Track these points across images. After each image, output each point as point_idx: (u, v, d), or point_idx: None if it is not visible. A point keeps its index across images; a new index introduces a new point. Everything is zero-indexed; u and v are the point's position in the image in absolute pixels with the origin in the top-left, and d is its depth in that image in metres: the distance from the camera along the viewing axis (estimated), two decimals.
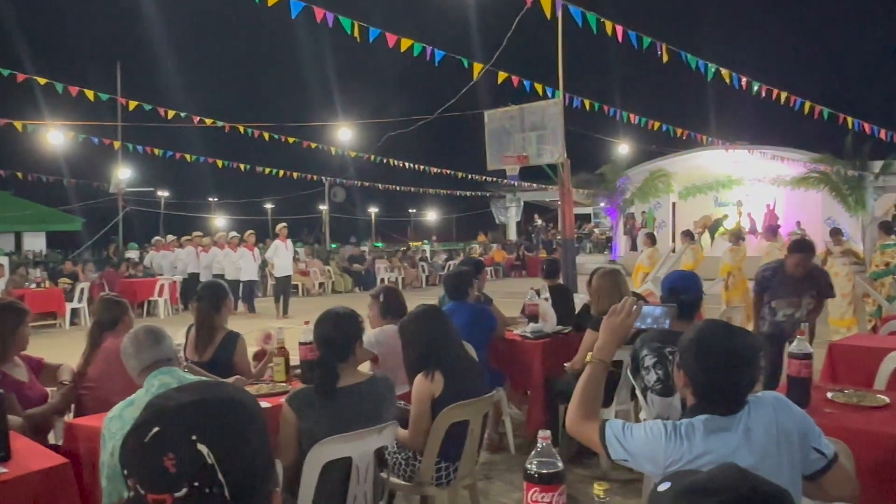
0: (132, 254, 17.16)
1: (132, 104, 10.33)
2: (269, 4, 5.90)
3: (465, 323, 4.58)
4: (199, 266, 14.66)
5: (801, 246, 5.04)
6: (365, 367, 4.05)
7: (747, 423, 1.89)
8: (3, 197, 20.40)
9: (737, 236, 10.43)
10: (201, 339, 3.87)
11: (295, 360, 3.73)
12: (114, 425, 2.19)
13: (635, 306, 2.14)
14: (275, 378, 3.65)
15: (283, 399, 2.70)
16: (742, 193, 22.78)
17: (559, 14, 9.05)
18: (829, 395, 3.05)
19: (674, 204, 24.25)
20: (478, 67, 8.58)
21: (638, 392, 3.40)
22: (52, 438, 3.25)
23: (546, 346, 4.86)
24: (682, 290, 3.34)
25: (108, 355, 3.21)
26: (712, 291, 10.28)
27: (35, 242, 21.48)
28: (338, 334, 2.71)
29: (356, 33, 6.99)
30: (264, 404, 3.15)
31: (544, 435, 1.64)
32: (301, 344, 3.60)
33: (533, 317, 5.14)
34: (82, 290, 12.78)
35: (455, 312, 4.65)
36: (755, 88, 9.00)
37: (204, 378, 2.40)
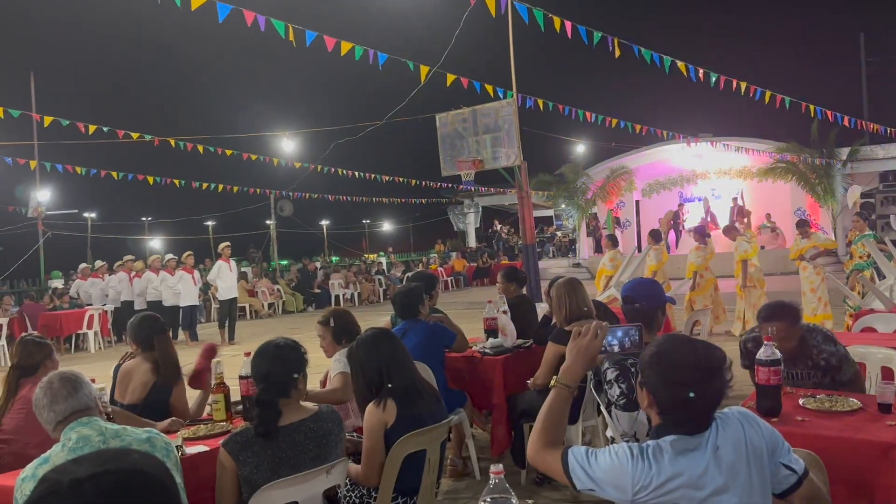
0: (56, 283, 16.64)
1: (48, 119, 10.04)
2: (193, 9, 5.81)
3: (418, 343, 4.55)
4: (132, 293, 14.32)
5: (775, 312, 3.53)
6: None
7: (715, 442, 1.91)
8: None
9: (702, 234, 10.63)
10: (166, 378, 3.75)
11: (236, 395, 3.64)
12: (27, 486, 2.10)
13: (600, 329, 2.14)
14: (214, 417, 3.56)
15: (223, 439, 2.63)
16: (708, 188, 23.30)
17: (508, 12, 9.17)
18: (801, 401, 3.11)
19: (637, 202, 24.67)
20: (425, 70, 8.59)
21: (602, 408, 3.42)
22: None
23: (507, 361, 4.86)
24: (638, 299, 3.36)
25: (27, 404, 3.08)
26: (681, 292, 10.48)
27: None
28: (278, 368, 2.66)
29: (291, 37, 6.94)
30: (201, 448, 3.07)
31: (496, 470, 1.63)
32: (241, 378, 3.52)
33: (491, 331, 5.14)
34: (1, 327, 12.33)
35: (407, 332, 4.62)
36: (713, 80, 9.24)
37: (126, 430, 2.31)
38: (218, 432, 3.31)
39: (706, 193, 23.31)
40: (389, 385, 3.03)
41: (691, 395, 1.89)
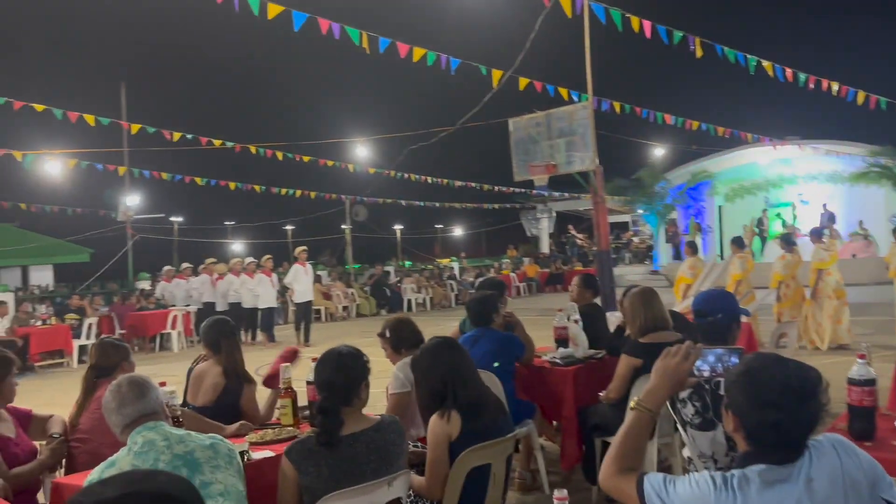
0: (143, 284, 17.38)
1: (135, 127, 10.49)
2: (270, 18, 5.92)
3: (490, 351, 4.48)
4: (214, 295, 14.78)
5: None
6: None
7: (808, 473, 1.75)
8: (7, 230, 20.82)
9: (788, 242, 10.13)
10: (228, 380, 3.82)
11: (303, 400, 3.65)
12: None
13: (692, 351, 1.98)
14: (282, 422, 3.58)
15: (286, 447, 2.63)
16: (795, 193, 22.29)
17: (583, 13, 8.99)
18: None
19: (720, 207, 23.84)
20: (497, 74, 8.52)
21: (678, 426, 3.25)
22: (41, 498, 3.22)
23: (578, 373, 4.73)
24: (712, 311, 3.17)
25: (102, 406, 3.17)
26: (766, 302, 10.01)
27: (42, 276, 21.88)
28: (340, 377, 2.63)
29: (365, 44, 7.00)
30: (267, 453, 3.08)
31: (560, 496, 1.54)
32: (308, 383, 3.53)
33: (562, 341, 5.01)
34: (90, 326, 12.94)
35: (479, 340, 4.56)
36: (802, 80, 8.79)
37: (190, 435, 2.33)
38: (285, 437, 3.32)
39: (793, 199, 22.31)
40: (454, 396, 2.97)
41: (783, 419, 1.73)
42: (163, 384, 3.20)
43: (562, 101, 10.26)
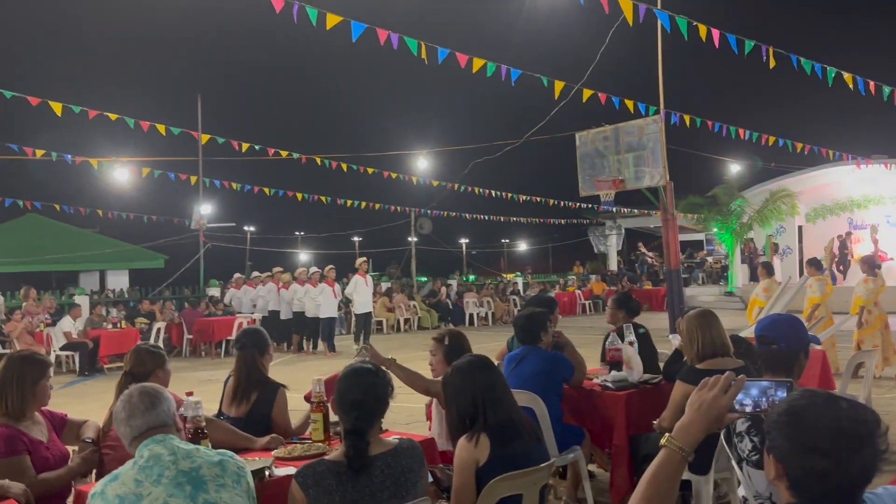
0: (213, 291, 17.84)
1: (204, 138, 10.76)
2: (328, 28, 5.93)
3: (536, 371, 4.32)
4: (279, 303, 15.01)
5: None
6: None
7: None
8: (87, 235, 21.83)
9: (871, 265, 9.50)
10: (240, 392, 3.77)
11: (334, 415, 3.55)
12: (94, 503, 2.07)
13: (734, 381, 1.73)
14: (312, 437, 3.48)
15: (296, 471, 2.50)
16: (881, 214, 21.10)
17: (650, 20, 8.70)
18: None
19: (800, 227, 22.79)
20: (559, 85, 8.32)
21: (733, 462, 2.99)
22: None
23: (630, 398, 4.47)
24: (778, 339, 2.90)
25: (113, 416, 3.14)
26: (845, 328, 9.41)
27: (119, 281, 22.80)
28: (370, 397, 2.50)
29: (423, 54, 6.94)
30: (292, 470, 2.98)
31: None
32: None
33: (615, 363, 4.76)
34: (159, 330, 13.31)
35: (525, 358, 4.39)
36: (887, 93, 8.24)
37: (198, 451, 2.23)
38: (314, 453, 3.22)
39: (879, 220, 21.11)
40: (484, 418, 2.80)
41: (832, 467, 1.50)
42: (189, 394, 3.16)
43: (627, 113, 9.96)
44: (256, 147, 11.62)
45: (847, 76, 7.74)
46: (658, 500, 1.68)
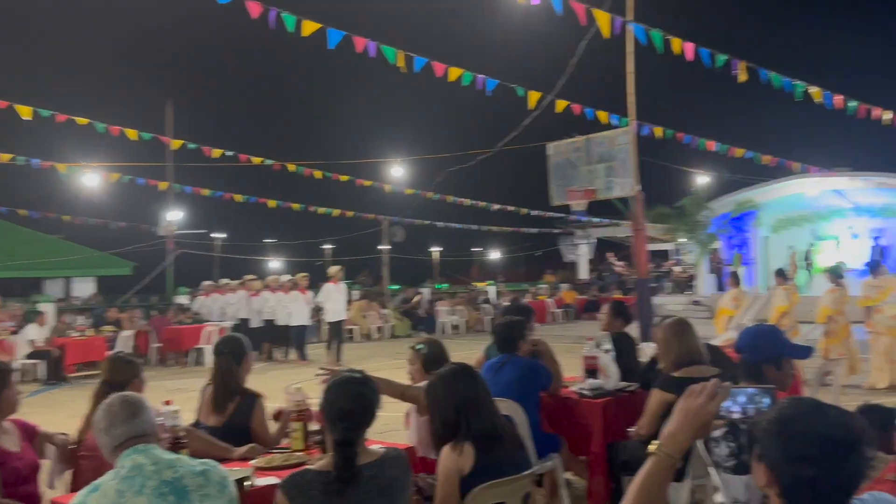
0: (182, 299, 17.57)
1: (176, 143, 10.62)
2: (305, 35, 5.91)
3: (514, 379, 4.32)
4: (249, 311, 14.84)
5: None
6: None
7: None
8: (52, 241, 21.34)
9: (836, 275, 9.72)
10: (217, 401, 3.72)
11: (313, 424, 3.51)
12: None
13: (720, 388, 1.75)
14: (292, 447, 3.45)
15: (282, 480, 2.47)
16: (845, 226, 21.61)
17: (624, 34, 8.82)
18: None
19: (765, 239, 23.24)
20: (534, 96, 8.39)
21: (710, 468, 3.03)
22: None
23: (607, 406, 4.51)
24: (743, 349, 2.96)
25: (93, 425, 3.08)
26: (811, 338, 9.60)
27: (84, 288, 22.29)
28: (359, 406, 2.47)
29: (401, 62, 6.95)
30: (273, 480, 2.94)
31: None
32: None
33: (591, 371, 4.79)
34: (126, 339, 13.07)
35: (504, 366, 4.40)
36: (852, 108, 8.45)
37: (181, 461, 2.20)
38: (293, 463, 3.19)
39: (842, 232, 21.61)
40: (468, 427, 2.79)
41: (822, 474, 1.52)
42: (168, 403, 3.11)
43: (600, 125, 10.07)
44: (229, 153, 11.49)
45: (815, 90, 7.94)
46: None
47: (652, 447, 1.77)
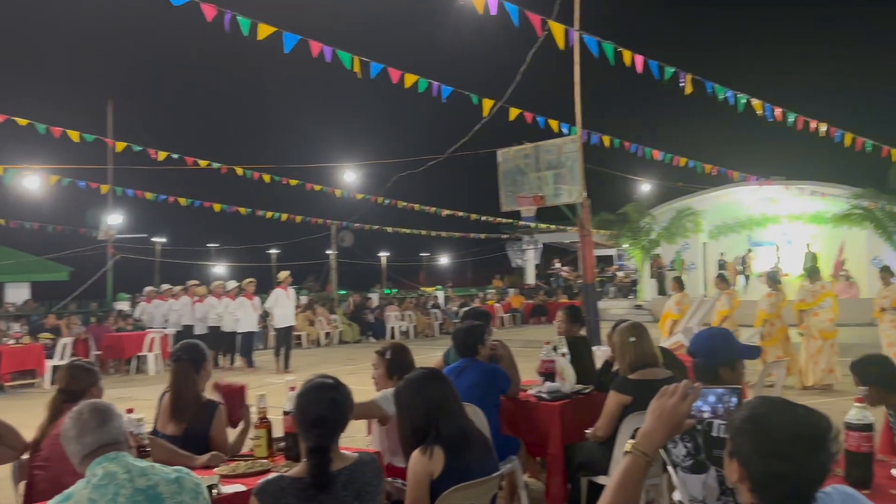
0: (122, 305, 17.07)
1: (120, 145, 10.35)
2: (260, 38, 5.86)
3: (475, 383, 4.36)
4: (193, 317, 14.54)
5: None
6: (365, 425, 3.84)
7: None
8: None
9: (774, 280, 10.13)
10: (176, 409, 3.66)
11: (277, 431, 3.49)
12: None
13: (691, 389, 1.83)
14: (255, 454, 3.42)
15: (255, 486, 2.46)
16: (779, 232, 22.46)
17: (574, 44, 9.02)
18: (894, 471, 2.79)
19: (704, 244, 23.97)
20: (488, 104, 8.50)
21: (668, 467, 3.13)
22: None
23: (565, 408, 4.60)
24: (697, 353, 3.07)
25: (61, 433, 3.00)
26: (752, 341, 9.96)
27: (19, 294, 21.44)
28: (333, 412, 2.46)
29: (356, 68, 6.95)
30: (238, 487, 2.92)
31: None
32: (286, 414, 3.37)
33: (548, 374, 4.88)
34: (65, 347, 12.64)
35: (464, 371, 4.44)
36: (791, 120, 8.84)
37: (154, 468, 2.17)
38: (258, 470, 3.17)
39: (777, 238, 22.47)
40: (437, 431, 2.83)
41: (793, 469, 1.61)
42: (130, 411, 3.04)
43: (552, 133, 10.25)
44: (175, 156, 11.25)
45: (756, 103, 8.28)
46: (627, 503, 1.76)
47: (628, 446, 1.84)
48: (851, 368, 3.46)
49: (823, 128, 9.15)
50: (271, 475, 2.52)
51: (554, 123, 9.86)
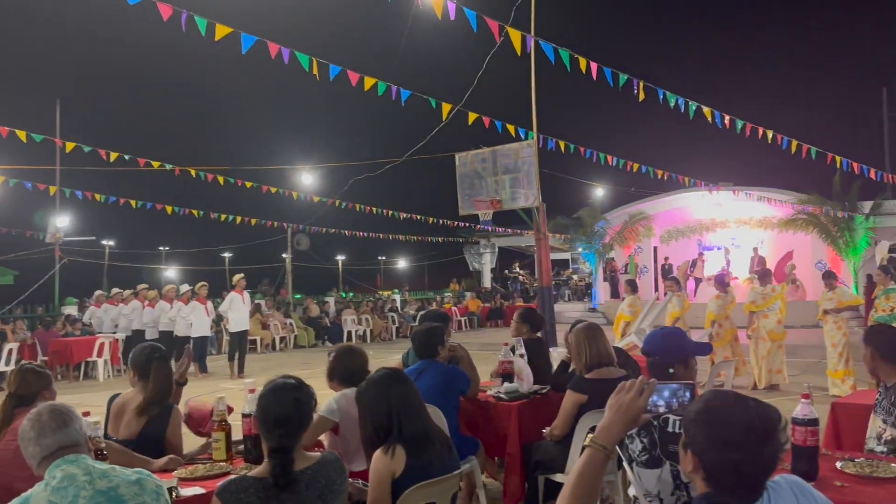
0: (70, 309, 16.62)
1: (69, 145, 10.09)
2: (217, 39, 5.80)
3: (434, 385, 4.39)
4: (143, 322, 14.26)
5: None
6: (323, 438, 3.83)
7: None
8: None
9: (722, 283, 10.41)
10: (145, 410, 3.61)
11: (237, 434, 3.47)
12: None
13: (646, 386, 1.89)
14: (214, 457, 3.39)
15: (217, 486, 2.45)
16: (728, 237, 23.06)
17: (531, 50, 9.16)
18: (839, 465, 2.90)
19: (655, 248, 24.46)
20: (446, 108, 8.55)
21: (625, 463, 3.21)
22: None
23: (522, 408, 4.66)
24: (652, 352, 3.17)
25: (18, 436, 2.93)
26: (701, 342, 10.24)
27: None
28: (295, 411, 2.45)
29: (315, 70, 6.92)
30: (197, 490, 2.90)
31: None
32: (245, 416, 3.36)
33: (507, 375, 4.95)
34: (10, 352, 12.25)
35: (424, 373, 4.46)
36: (739, 127, 9.11)
37: (114, 470, 2.15)
38: (217, 473, 3.14)
39: (726, 242, 23.07)
40: (399, 430, 2.85)
41: (745, 459, 1.69)
42: (86, 414, 2.99)
43: (509, 137, 10.36)
44: (126, 156, 11.01)
45: (706, 110, 8.51)
46: (586, 496, 1.81)
47: (587, 441, 1.90)
48: (867, 330, 3.69)
49: (770, 135, 9.46)
50: (233, 476, 2.51)
51: (511, 128, 9.96)
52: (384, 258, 42.87)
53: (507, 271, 31.56)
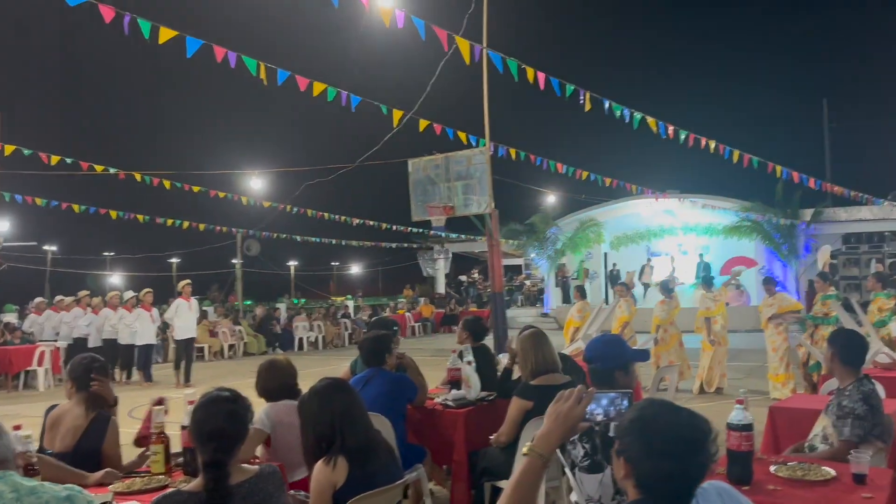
0: (9, 317, 16.05)
1: (9, 148, 9.77)
2: (161, 42, 5.69)
3: (381, 393, 4.37)
4: (86, 330, 13.85)
5: None
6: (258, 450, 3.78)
7: None
8: None
9: (667, 288, 10.62)
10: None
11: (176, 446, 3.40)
12: None
13: (584, 395, 1.92)
14: (152, 470, 3.31)
15: (152, 501, 2.39)
16: (674, 243, 23.56)
17: (482, 60, 9.22)
18: (772, 468, 2.98)
19: (605, 254, 24.84)
20: (398, 114, 8.55)
21: (566, 469, 3.25)
22: None
23: (469, 415, 4.68)
24: (594, 359, 3.21)
25: None
26: (648, 346, 10.41)
27: None
28: (231, 425, 2.39)
29: (262, 75, 6.84)
30: None
31: None
32: (184, 428, 3.29)
33: (455, 382, 4.96)
34: None
35: (371, 381, 4.45)
36: (683, 137, 9.33)
37: (43, 486, 2.08)
38: (154, 486, 3.07)
39: (673, 249, 23.56)
40: (342, 441, 2.83)
41: (676, 467, 1.72)
42: (17, 427, 2.89)
43: (461, 144, 10.42)
44: (68, 160, 10.71)
45: (651, 120, 8.70)
46: (524, 502, 1.83)
47: (525, 449, 1.91)
48: (832, 333, 3.89)
49: (713, 145, 9.72)
50: (170, 490, 2.45)
51: (462, 135, 10.02)
52: (337, 264, 42.61)
53: (465, 277, 31.65)
